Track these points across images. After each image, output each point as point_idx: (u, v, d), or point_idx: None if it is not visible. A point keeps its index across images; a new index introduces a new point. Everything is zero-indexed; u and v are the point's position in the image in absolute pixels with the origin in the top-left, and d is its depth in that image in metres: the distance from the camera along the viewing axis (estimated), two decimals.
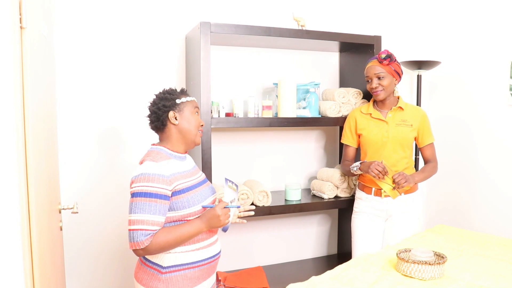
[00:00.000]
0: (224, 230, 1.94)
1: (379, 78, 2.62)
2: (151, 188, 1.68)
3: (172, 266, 1.75)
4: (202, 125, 1.91)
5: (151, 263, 1.78)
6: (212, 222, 1.76)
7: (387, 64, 2.61)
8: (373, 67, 2.64)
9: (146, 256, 1.79)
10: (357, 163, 2.65)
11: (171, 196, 1.74)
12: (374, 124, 2.68)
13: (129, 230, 1.67)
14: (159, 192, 1.69)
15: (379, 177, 2.49)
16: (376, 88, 2.63)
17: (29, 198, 1.49)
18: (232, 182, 1.90)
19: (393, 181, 2.52)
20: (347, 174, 2.89)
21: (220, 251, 1.94)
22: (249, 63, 3.09)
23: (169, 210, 1.75)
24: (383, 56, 2.60)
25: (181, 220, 1.77)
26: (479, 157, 3.21)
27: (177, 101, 1.85)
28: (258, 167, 3.18)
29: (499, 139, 3.06)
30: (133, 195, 1.70)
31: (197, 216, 1.79)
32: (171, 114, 1.83)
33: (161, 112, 1.84)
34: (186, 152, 1.93)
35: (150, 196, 1.67)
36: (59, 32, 2.60)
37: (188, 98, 1.88)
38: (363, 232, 2.71)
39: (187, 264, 1.77)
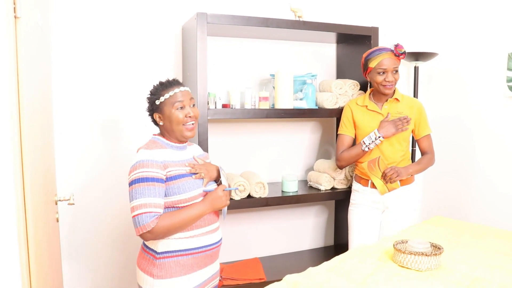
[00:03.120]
0: (223, 215, 2.02)
1: (395, 72, 2.58)
2: (148, 173, 1.72)
3: (166, 252, 1.79)
4: (190, 116, 1.87)
5: (148, 249, 1.83)
6: (215, 203, 1.83)
7: (401, 59, 2.61)
8: (391, 60, 2.56)
9: (145, 242, 1.84)
10: (371, 134, 2.57)
11: (166, 181, 1.78)
12: (370, 116, 2.67)
13: (133, 216, 1.70)
14: (156, 176, 1.73)
15: (386, 179, 2.53)
16: (391, 81, 2.56)
17: (24, 189, 1.49)
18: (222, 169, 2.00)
19: (385, 175, 2.52)
20: (350, 161, 2.70)
21: (217, 242, 1.93)
22: (246, 54, 3.07)
23: (165, 196, 1.78)
24: (402, 51, 2.55)
25: (173, 207, 1.79)
26: (476, 149, 3.21)
27: (157, 102, 1.87)
28: (255, 159, 3.17)
29: (496, 131, 3.06)
30: (132, 182, 1.73)
31: (188, 203, 1.80)
32: (156, 116, 1.90)
33: (149, 115, 1.93)
34: (184, 142, 1.94)
35: (148, 180, 1.71)
36: (55, 23, 2.57)
37: (167, 95, 1.85)
38: (360, 225, 2.71)
39: (180, 251, 1.80)
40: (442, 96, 3.48)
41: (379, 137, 2.55)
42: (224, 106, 2.81)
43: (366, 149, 2.60)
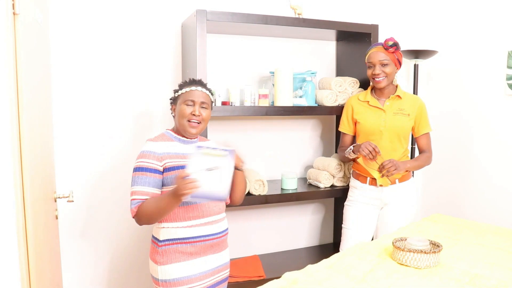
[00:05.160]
0: (212, 198, 1.78)
1: (382, 65, 2.58)
2: (143, 163, 1.89)
3: (166, 240, 1.91)
4: (194, 114, 1.95)
5: (154, 238, 1.98)
6: (175, 193, 1.71)
7: (392, 52, 2.58)
8: (378, 53, 2.59)
9: (152, 232, 2.00)
10: (351, 146, 2.63)
11: (164, 172, 1.90)
12: (371, 112, 2.67)
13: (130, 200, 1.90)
14: (149, 166, 1.88)
15: (370, 157, 2.47)
16: (378, 74, 2.58)
17: (23, 186, 1.49)
18: (215, 148, 1.73)
19: (382, 167, 2.49)
20: (342, 160, 2.90)
21: (218, 233, 1.99)
22: (245, 51, 3.07)
23: (164, 186, 1.92)
24: (390, 43, 2.55)
25: None
26: (476, 146, 3.21)
27: (176, 94, 2.03)
28: (254, 156, 3.17)
29: (496, 129, 3.06)
30: (133, 170, 1.91)
31: None
32: (172, 107, 2.06)
33: (170, 104, 2.09)
34: (193, 138, 2.03)
35: (141, 170, 1.88)
36: (54, 20, 2.56)
37: (183, 90, 1.99)
38: (355, 222, 2.71)
39: (179, 239, 1.90)
40: (442, 94, 3.48)
41: (350, 149, 2.62)
42: (223, 103, 2.81)
43: (346, 155, 2.67)
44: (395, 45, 2.56)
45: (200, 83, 2.02)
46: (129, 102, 2.80)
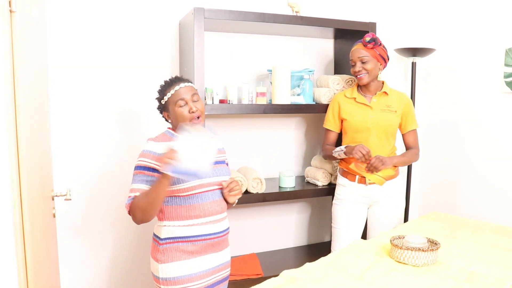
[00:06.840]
0: (194, 175, 1.78)
1: (362, 62, 2.59)
2: (142, 162, 1.89)
3: (167, 238, 1.91)
4: (193, 112, 1.93)
5: (155, 236, 1.97)
6: (162, 166, 1.72)
7: (372, 48, 2.58)
8: (357, 51, 2.61)
9: (154, 231, 1.99)
10: (342, 147, 2.60)
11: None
12: (358, 109, 2.66)
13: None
14: (148, 165, 1.87)
15: (362, 161, 2.46)
16: (359, 71, 2.60)
17: (21, 185, 1.48)
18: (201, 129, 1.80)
19: (370, 165, 2.48)
20: (327, 158, 2.85)
21: (219, 232, 1.98)
22: (243, 49, 3.06)
23: None
24: (368, 39, 2.57)
25: (174, 196, 1.90)
26: (473, 144, 3.22)
27: (162, 102, 2.00)
28: (252, 154, 3.17)
29: (493, 127, 3.06)
30: (134, 168, 1.91)
31: (187, 193, 1.89)
32: (164, 115, 2.03)
33: (160, 113, 2.06)
34: None
35: (140, 169, 1.88)
36: (52, 17, 2.55)
37: (169, 94, 1.96)
38: (345, 221, 2.69)
39: (181, 237, 1.90)
40: (440, 92, 3.48)
41: (342, 151, 2.59)
42: (221, 101, 2.81)
43: (335, 155, 2.65)
44: (373, 40, 2.57)
45: (179, 79, 2.00)
46: (127, 101, 2.79)
